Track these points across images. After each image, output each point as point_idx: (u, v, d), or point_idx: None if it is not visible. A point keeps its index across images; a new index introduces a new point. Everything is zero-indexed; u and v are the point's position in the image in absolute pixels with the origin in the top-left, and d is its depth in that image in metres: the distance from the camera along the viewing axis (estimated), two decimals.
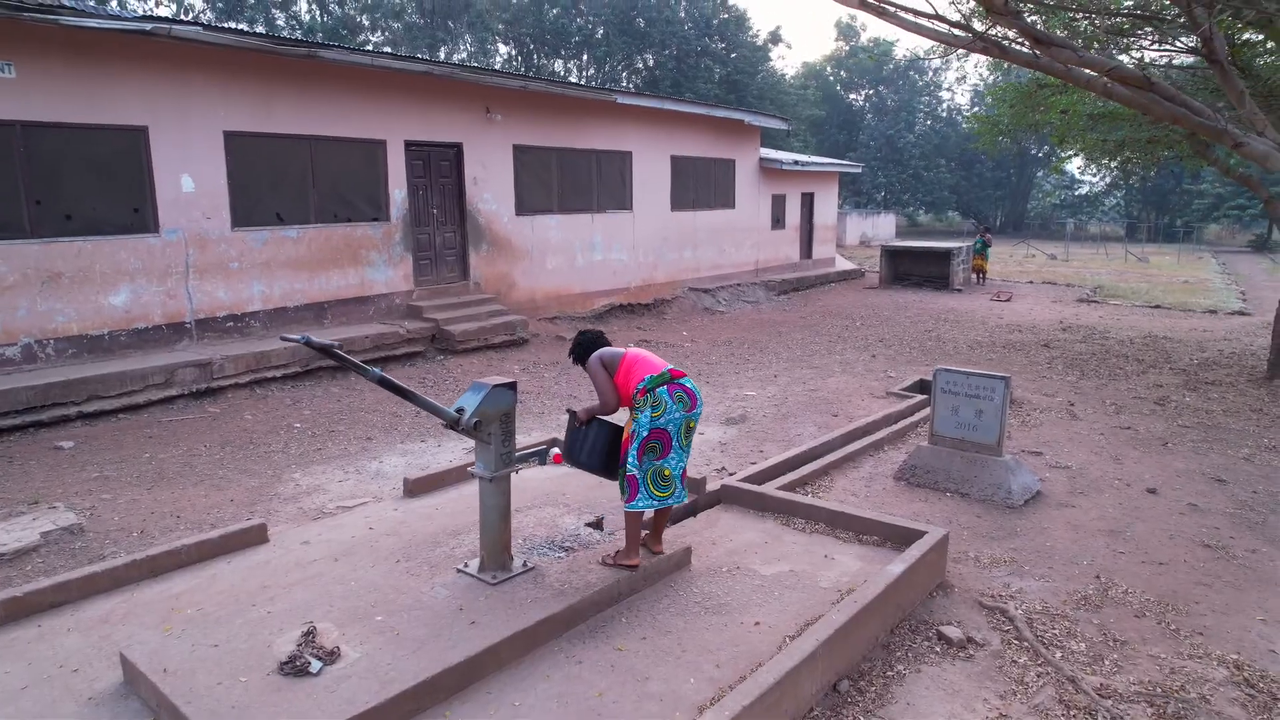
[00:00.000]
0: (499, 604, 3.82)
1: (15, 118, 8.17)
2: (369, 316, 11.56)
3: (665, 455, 4.17)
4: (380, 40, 41.67)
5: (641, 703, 3.29)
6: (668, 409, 4.11)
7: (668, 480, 4.20)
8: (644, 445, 4.12)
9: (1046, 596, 4.60)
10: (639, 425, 4.12)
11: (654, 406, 4.10)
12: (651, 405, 4.10)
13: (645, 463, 4.14)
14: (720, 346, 12.99)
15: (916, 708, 3.54)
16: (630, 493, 4.14)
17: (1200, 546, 5.31)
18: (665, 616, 3.99)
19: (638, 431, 4.12)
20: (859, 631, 3.81)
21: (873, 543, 4.89)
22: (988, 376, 6.17)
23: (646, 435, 4.10)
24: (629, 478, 4.14)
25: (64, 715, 3.15)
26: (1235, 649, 4.05)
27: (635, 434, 4.13)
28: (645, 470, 4.14)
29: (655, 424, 4.10)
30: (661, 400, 4.11)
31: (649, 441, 4.12)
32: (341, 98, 10.89)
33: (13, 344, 8.31)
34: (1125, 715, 3.48)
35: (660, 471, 4.17)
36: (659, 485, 4.18)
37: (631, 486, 4.14)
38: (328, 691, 3.12)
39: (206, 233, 9.75)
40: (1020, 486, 6.06)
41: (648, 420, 4.10)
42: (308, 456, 7.16)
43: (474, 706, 3.25)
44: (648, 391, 4.11)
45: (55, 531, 5.09)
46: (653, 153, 16.41)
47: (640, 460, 4.13)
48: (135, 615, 3.91)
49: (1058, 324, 15.25)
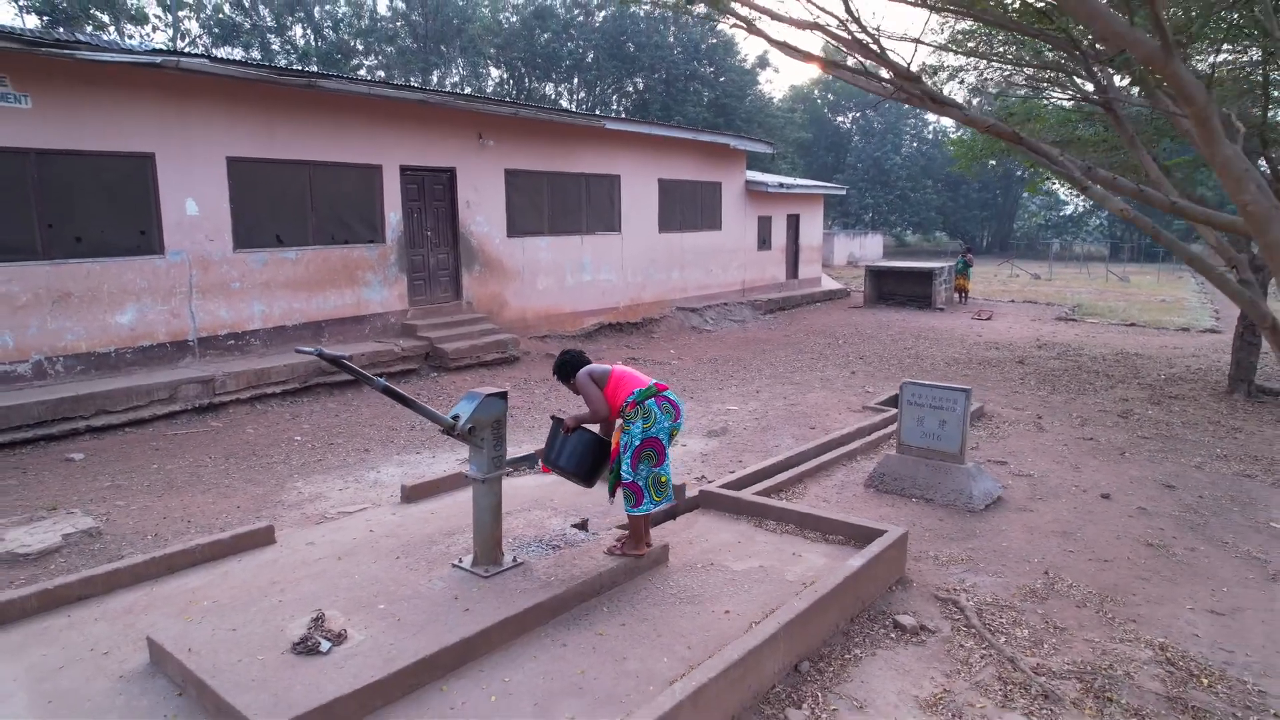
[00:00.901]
0: (491, 594, 4.18)
1: (30, 145, 8.57)
2: (365, 335, 11.93)
3: (661, 463, 4.58)
4: (374, 64, 42.35)
5: (619, 679, 3.65)
6: (657, 419, 4.53)
7: (664, 485, 4.63)
8: (638, 454, 4.51)
9: (997, 590, 4.99)
10: (631, 436, 4.52)
11: (645, 418, 4.51)
12: (643, 417, 4.51)
13: (643, 470, 4.54)
14: (706, 364, 13.40)
15: (869, 685, 3.91)
16: (636, 499, 4.55)
17: (1144, 546, 5.72)
18: (643, 606, 4.35)
19: (630, 442, 4.52)
20: (819, 618, 4.19)
21: (838, 541, 5.27)
22: (950, 389, 6.59)
23: (640, 444, 4.51)
24: (632, 485, 4.53)
25: (99, 691, 3.49)
26: (1163, 634, 4.45)
27: (628, 444, 4.53)
28: (645, 477, 4.55)
29: (648, 434, 4.51)
30: (651, 411, 4.52)
31: (643, 450, 4.52)
32: (339, 124, 11.34)
33: (25, 360, 8.65)
34: (1056, 690, 3.86)
35: (658, 478, 4.59)
36: (658, 490, 4.60)
37: (636, 494, 4.54)
38: (337, 667, 3.47)
39: (209, 254, 10.14)
40: (981, 492, 6.47)
41: (640, 430, 4.51)
42: (309, 467, 7.50)
43: (468, 682, 3.60)
44: (638, 404, 4.52)
45: (75, 534, 5.43)
46: (641, 176, 16.91)
47: (636, 468, 4.53)
48: (156, 606, 4.26)
49: (1034, 341, 15.74)
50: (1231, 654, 4.25)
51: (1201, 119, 1.74)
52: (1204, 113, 1.72)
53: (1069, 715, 3.69)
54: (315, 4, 39.62)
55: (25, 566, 5.15)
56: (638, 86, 45.71)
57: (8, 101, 8.38)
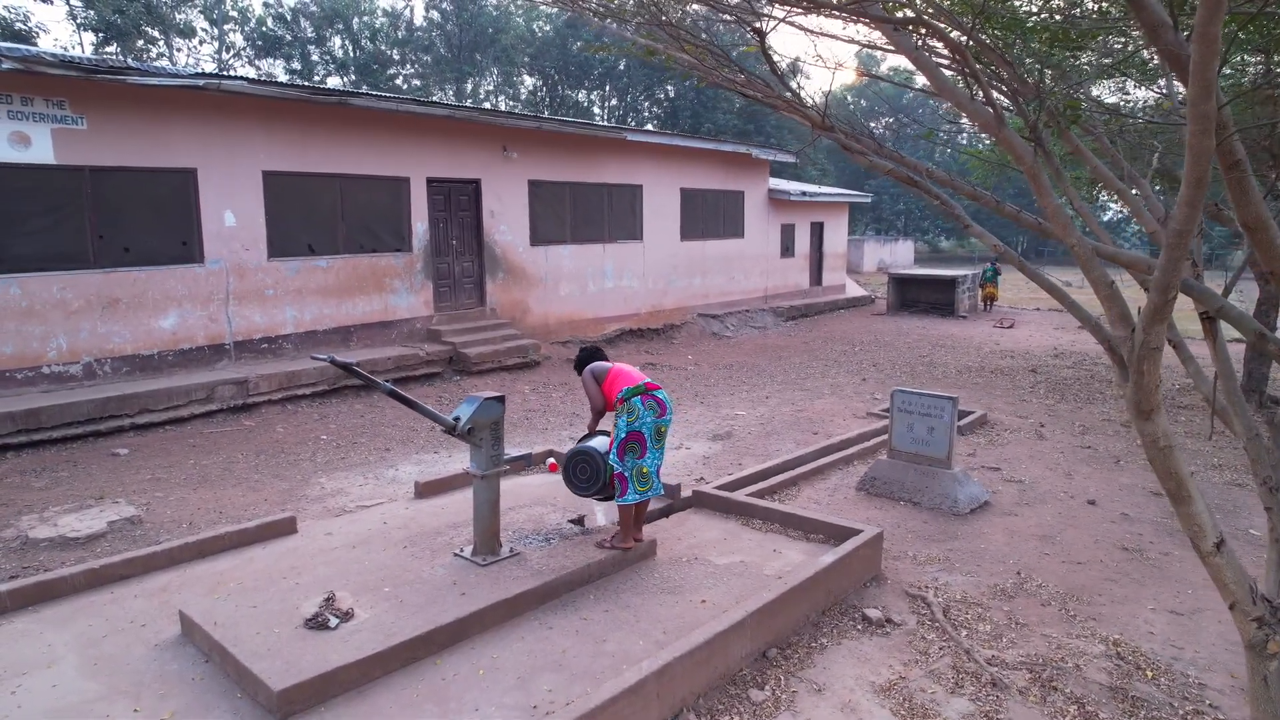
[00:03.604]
0: (486, 580, 4.59)
1: (85, 163, 9.23)
2: (391, 340, 12.48)
3: (643, 455, 4.98)
4: (410, 73, 43.40)
5: (597, 658, 4.02)
6: (640, 414, 4.94)
7: (646, 477, 5.02)
8: (623, 446, 4.94)
9: (968, 588, 5.26)
10: (618, 429, 4.96)
11: (629, 413, 4.94)
12: (627, 412, 4.95)
13: (628, 461, 4.95)
14: (721, 370, 13.72)
15: (830, 670, 4.23)
16: (621, 489, 4.96)
17: (1119, 549, 5.93)
18: (627, 595, 4.72)
19: (617, 434, 4.96)
20: (788, 609, 4.51)
21: (818, 540, 5.58)
22: (938, 397, 6.86)
23: (625, 437, 4.93)
24: (618, 475, 4.95)
25: (137, 657, 3.96)
26: (1119, 631, 4.69)
27: (615, 437, 4.95)
28: (629, 469, 4.95)
29: (631, 428, 4.93)
30: (635, 408, 4.94)
31: (628, 443, 4.94)
32: (369, 139, 11.91)
33: (76, 362, 9.31)
34: (1005, 679, 4.14)
35: (639, 470, 4.98)
36: (640, 481, 4.99)
37: (621, 483, 4.95)
38: (343, 641, 3.89)
39: (245, 263, 10.75)
40: (967, 496, 6.72)
41: (625, 425, 4.94)
42: (332, 464, 8.00)
43: (460, 657, 4.00)
44: (624, 401, 4.96)
45: (119, 521, 5.97)
46: (663, 185, 17.30)
47: (623, 459, 4.94)
48: (188, 586, 4.73)
49: (1051, 350, 15.79)
50: (1181, 650, 4.48)
51: (1031, 175, 2.03)
52: (1033, 170, 2.02)
53: (1014, 702, 3.97)
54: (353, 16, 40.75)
55: (75, 549, 5.68)
56: (669, 94, 46.16)
57: (67, 123, 9.05)
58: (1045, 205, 2.02)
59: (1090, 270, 2.11)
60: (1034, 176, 2.02)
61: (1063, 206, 2.04)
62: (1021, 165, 2.03)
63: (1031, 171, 2.02)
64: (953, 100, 2.14)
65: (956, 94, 2.07)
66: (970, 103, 2.05)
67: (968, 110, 2.07)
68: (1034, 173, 2.01)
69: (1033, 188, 2.09)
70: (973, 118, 2.12)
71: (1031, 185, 2.09)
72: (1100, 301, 2.11)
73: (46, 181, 9.02)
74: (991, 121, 1.99)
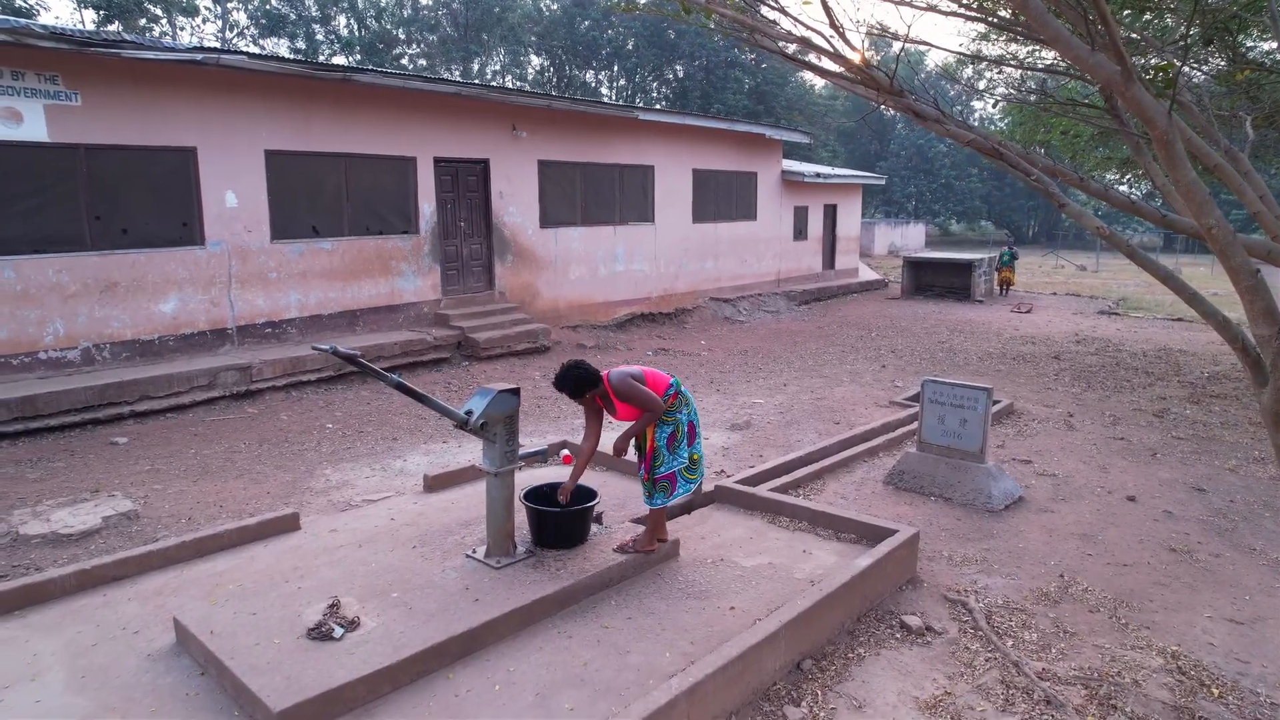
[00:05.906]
0: (501, 585, 4.30)
1: (80, 141, 8.91)
2: (398, 324, 12.17)
3: (693, 442, 4.76)
4: (416, 53, 42.83)
5: (621, 672, 3.74)
6: (690, 403, 4.78)
7: (696, 463, 4.80)
8: (673, 438, 4.66)
9: (1009, 592, 4.96)
10: (677, 423, 4.66)
11: (686, 404, 4.74)
12: (685, 403, 4.73)
13: (680, 453, 4.68)
14: (736, 356, 13.39)
15: (870, 685, 3.94)
16: (670, 488, 4.69)
17: (1166, 550, 5.62)
18: (650, 600, 4.43)
19: (677, 430, 4.66)
20: (822, 617, 4.22)
21: (850, 540, 5.28)
22: (971, 388, 6.53)
23: (684, 429, 4.69)
24: (668, 476, 4.67)
25: (128, 668, 3.69)
26: (1176, 641, 4.39)
27: (675, 433, 4.65)
28: (678, 463, 4.66)
29: (690, 418, 4.74)
30: (688, 397, 4.77)
31: (676, 436, 4.67)
32: (375, 117, 11.54)
33: (74, 348, 9.04)
34: (1060, 695, 3.85)
35: (691, 458, 4.76)
36: (690, 470, 4.76)
37: (672, 483, 4.69)
38: (348, 653, 3.61)
39: (248, 245, 10.43)
40: (1001, 492, 6.40)
41: (685, 416, 4.71)
42: (338, 454, 7.73)
43: (474, 670, 3.72)
44: (678, 393, 4.70)
45: (114, 516, 5.70)
46: (674, 166, 16.89)
47: (673, 454, 4.66)
48: (185, 588, 4.46)
49: (1072, 336, 15.40)
50: (1247, 664, 4.18)
51: (1164, 142, 1.71)
52: (1166, 136, 1.69)
53: None
54: None
55: (68, 546, 5.42)
56: (678, 74, 45.52)
57: (60, 100, 8.72)
58: (1179, 179, 1.71)
59: (1231, 257, 1.79)
60: (1167, 144, 1.70)
61: (1199, 180, 1.73)
62: (1153, 130, 1.72)
63: (1164, 138, 1.70)
64: (1067, 53, 1.81)
65: (1074, 46, 1.75)
66: (1090, 56, 1.72)
67: (1086, 66, 1.75)
68: (1167, 139, 1.69)
69: (1162, 157, 1.77)
70: (1093, 74, 1.79)
71: (1161, 155, 1.77)
72: (1239, 294, 1.80)
73: (39, 160, 8.70)
74: (1117, 78, 1.67)
